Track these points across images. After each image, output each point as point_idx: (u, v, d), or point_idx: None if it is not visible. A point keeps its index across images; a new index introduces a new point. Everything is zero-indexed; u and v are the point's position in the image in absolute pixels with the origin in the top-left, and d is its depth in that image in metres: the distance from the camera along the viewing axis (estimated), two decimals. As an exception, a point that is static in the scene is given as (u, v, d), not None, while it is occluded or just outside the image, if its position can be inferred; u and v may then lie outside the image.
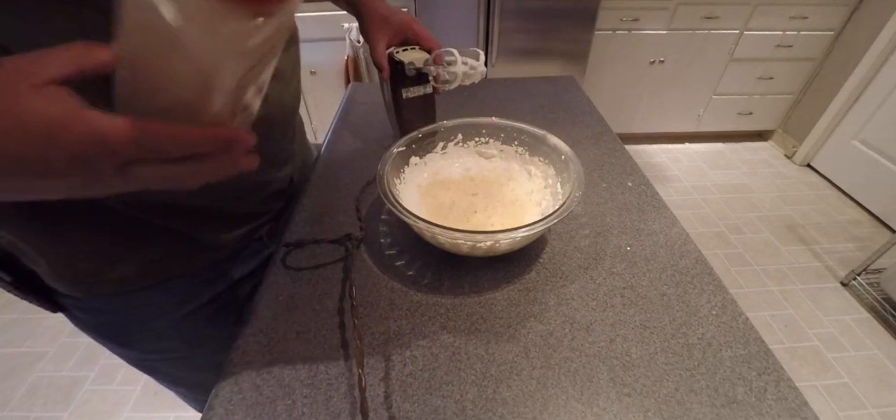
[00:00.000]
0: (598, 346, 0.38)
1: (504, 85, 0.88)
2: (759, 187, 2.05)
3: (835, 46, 2.01)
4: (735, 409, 0.33)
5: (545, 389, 0.35)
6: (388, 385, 0.35)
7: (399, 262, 0.46)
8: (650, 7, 1.82)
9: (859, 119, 1.94)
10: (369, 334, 0.39)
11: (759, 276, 1.58)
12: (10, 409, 1.18)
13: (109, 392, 1.22)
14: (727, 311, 0.41)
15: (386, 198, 0.42)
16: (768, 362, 0.37)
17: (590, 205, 0.54)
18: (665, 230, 0.51)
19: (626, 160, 0.63)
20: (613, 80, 2.04)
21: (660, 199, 0.55)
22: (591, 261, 0.46)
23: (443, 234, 0.40)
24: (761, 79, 2.11)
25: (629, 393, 0.35)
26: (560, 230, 0.50)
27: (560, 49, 1.77)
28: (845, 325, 1.40)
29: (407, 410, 0.33)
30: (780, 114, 2.28)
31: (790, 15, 1.89)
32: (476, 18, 1.65)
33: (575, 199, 0.42)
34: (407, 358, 0.37)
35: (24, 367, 1.27)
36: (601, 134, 0.70)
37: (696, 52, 1.98)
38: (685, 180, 2.09)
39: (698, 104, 2.19)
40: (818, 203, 1.95)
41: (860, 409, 1.18)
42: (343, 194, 0.56)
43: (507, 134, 0.56)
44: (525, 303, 0.42)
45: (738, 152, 2.31)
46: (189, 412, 0.61)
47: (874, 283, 1.45)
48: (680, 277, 0.44)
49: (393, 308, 0.41)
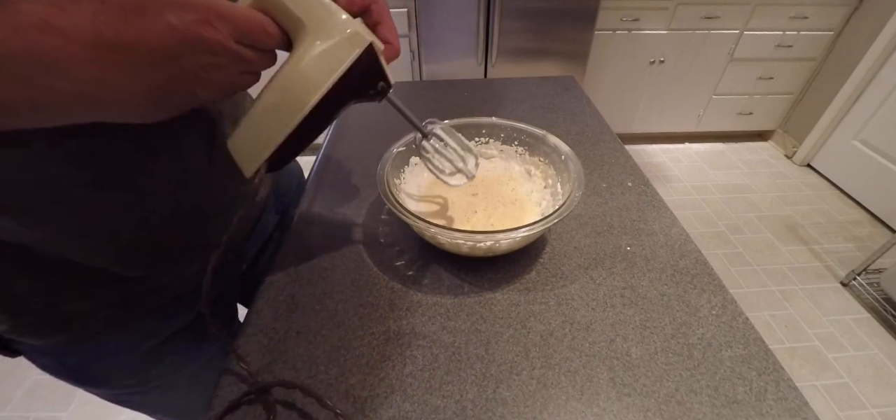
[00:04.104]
0: (598, 346, 0.38)
1: (504, 85, 0.88)
2: (759, 187, 2.05)
3: (835, 46, 2.01)
4: (735, 409, 0.33)
5: (545, 389, 0.35)
6: (388, 385, 0.35)
7: (399, 263, 0.46)
8: (650, 7, 1.82)
9: (859, 119, 1.94)
10: (369, 334, 0.39)
11: (759, 276, 1.58)
12: (10, 409, 1.18)
13: (109, 392, 1.22)
14: (727, 311, 0.41)
15: (386, 198, 0.42)
16: (768, 362, 0.37)
17: (590, 205, 0.54)
18: (665, 230, 0.51)
19: (626, 160, 0.63)
20: (613, 80, 2.04)
21: (660, 199, 0.55)
22: (591, 261, 0.46)
23: (443, 234, 0.40)
24: (761, 79, 2.11)
25: (629, 393, 0.35)
26: (560, 230, 0.50)
27: (560, 49, 1.77)
28: (845, 325, 1.40)
29: (407, 410, 0.33)
30: (780, 114, 2.28)
31: (790, 15, 1.89)
32: (476, 18, 1.65)
33: (575, 199, 0.42)
34: (407, 358, 0.37)
35: (25, 367, 1.26)
36: (601, 134, 0.70)
37: (696, 52, 1.98)
38: (685, 180, 2.09)
39: (698, 104, 2.19)
40: (818, 203, 1.95)
41: (860, 409, 1.18)
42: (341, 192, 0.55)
43: (507, 134, 0.56)
44: (525, 303, 0.42)
45: (738, 152, 2.31)
46: (189, 413, 0.61)
47: (874, 283, 1.45)
48: (680, 277, 0.44)
49: (393, 308, 0.41)
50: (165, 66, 0.23)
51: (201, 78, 0.24)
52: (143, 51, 0.21)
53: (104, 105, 0.23)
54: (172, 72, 0.23)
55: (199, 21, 0.23)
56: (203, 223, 0.40)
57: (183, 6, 0.22)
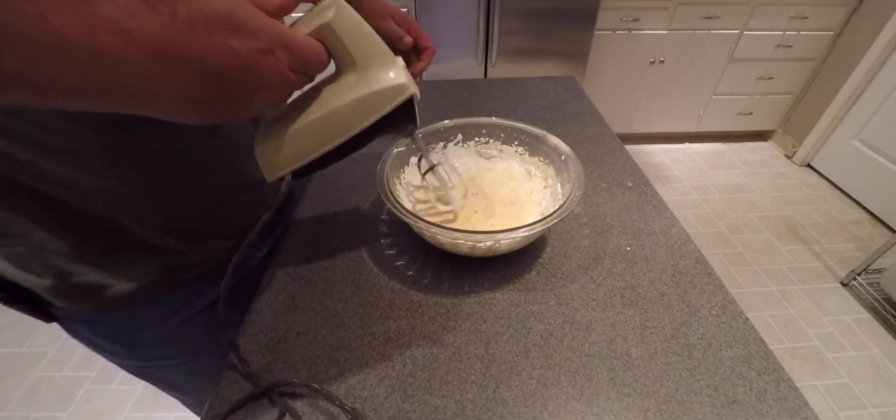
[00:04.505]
0: (598, 346, 0.38)
1: (504, 85, 0.88)
2: (759, 187, 2.05)
3: (835, 46, 2.01)
4: (735, 409, 0.33)
5: (545, 389, 0.35)
6: (389, 385, 0.35)
7: (399, 263, 0.46)
8: (650, 7, 1.82)
9: (859, 119, 1.94)
10: (369, 334, 0.39)
11: (759, 276, 1.58)
12: (11, 409, 1.18)
13: (109, 392, 1.22)
14: (727, 311, 0.41)
15: (386, 198, 0.42)
16: (768, 362, 0.37)
17: (590, 205, 0.54)
18: (665, 230, 0.51)
19: (626, 160, 0.63)
20: (613, 80, 2.04)
21: (660, 199, 0.55)
22: (591, 261, 0.46)
23: (443, 234, 0.40)
24: (761, 79, 2.11)
25: (629, 393, 0.35)
26: (560, 230, 0.50)
27: (560, 49, 1.77)
28: (845, 325, 1.40)
29: (407, 410, 0.33)
30: (780, 114, 2.28)
31: (790, 15, 1.89)
32: (476, 18, 1.65)
33: (575, 199, 0.42)
34: (407, 358, 0.37)
35: (24, 367, 1.27)
36: (601, 134, 0.70)
37: (696, 52, 1.98)
38: (685, 180, 2.09)
39: (698, 104, 2.19)
40: (818, 203, 1.95)
41: (860, 409, 1.18)
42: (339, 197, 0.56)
43: (507, 134, 0.56)
44: (525, 303, 0.42)
45: (739, 152, 2.31)
46: (189, 412, 0.61)
47: (874, 283, 1.45)
48: (680, 277, 0.44)
49: (393, 308, 0.41)
50: (215, 83, 0.23)
51: (248, 99, 0.25)
52: (199, 65, 0.22)
53: (146, 104, 0.23)
54: (222, 88, 0.24)
55: (262, 51, 0.24)
56: (239, 200, 0.43)
57: (250, 34, 0.23)
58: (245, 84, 0.24)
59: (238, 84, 0.24)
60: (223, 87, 0.24)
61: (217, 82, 0.23)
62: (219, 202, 0.42)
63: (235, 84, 0.24)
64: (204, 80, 0.23)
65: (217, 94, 0.24)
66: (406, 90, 0.32)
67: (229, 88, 0.24)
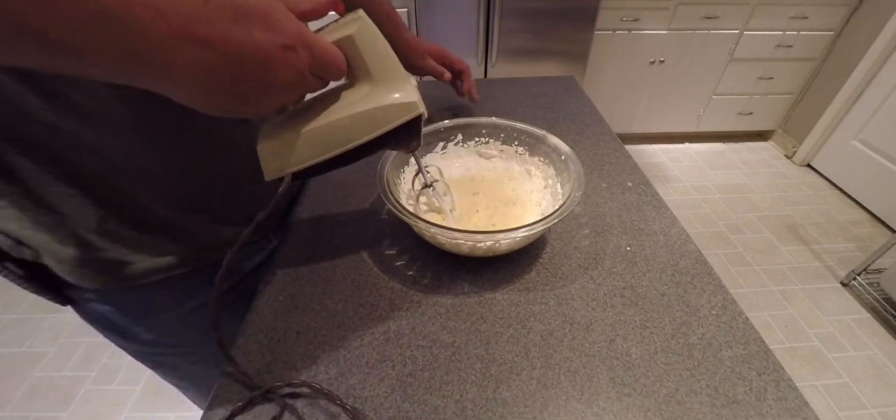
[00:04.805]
0: (598, 346, 0.38)
1: (504, 85, 0.88)
2: (759, 187, 2.05)
3: (835, 46, 2.02)
4: (735, 409, 0.33)
5: (545, 389, 0.35)
6: (389, 385, 0.35)
7: (399, 263, 0.46)
8: (650, 7, 1.82)
9: (859, 119, 1.94)
10: (369, 334, 0.39)
11: (759, 276, 1.58)
12: (11, 409, 1.18)
13: (109, 392, 1.22)
14: (727, 311, 0.41)
15: (386, 198, 0.42)
16: (768, 362, 0.37)
17: (590, 205, 0.54)
18: (665, 230, 0.51)
19: (626, 160, 0.63)
20: (613, 80, 2.04)
21: (660, 199, 0.55)
22: (591, 261, 0.46)
23: (443, 234, 0.40)
24: (761, 79, 2.11)
25: (629, 393, 0.35)
26: (560, 230, 0.50)
27: (560, 49, 1.77)
28: (845, 325, 1.40)
29: (407, 410, 0.33)
30: (780, 114, 2.28)
31: (790, 15, 1.89)
32: (476, 18, 1.65)
33: (575, 199, 0.42)
34: (407, 358, 0.37)
35: (24, 367, 1.27)
36: (601, 134, 0.70)
37: (696, 52, 1.98)
38: (685, 180, 2.09)
39: (698, 104, 2.19)
40: (818, 203, 1.95)
41: (860, 409, 1.18)
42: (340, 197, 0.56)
43: (507, 134, 0.56)
44: (525, 303, 0.42)
45: (738, 152, 2.32)
46: (189, 412, 0.61)
47: (874, 283, 1.45)
48: (680, 277, 0.44)
49: (393, 308, 0.41)
50: (233, 70, 0.23)
51: (262, 94, 0.26)
52: (220, 50, 0.22)
53: (157, 80, 0.23)
54: (238, 76, 0.24)
55: (284, 46, 0.24)
56: (259, 189, 0.43)
57: (276, 29, 0.24)
58: (261, 77, 0.24)
59: (254, 75, 0.24)
60: (239, 74, 0.24)
61: (234, 70, 0.23)
62: (242, 188, 0.43)
63: (252, 75, 0.24)
64: (222, 65, 0.23)
65: (232, 81, 0.24)
66: (417, 108, 0.33)
67: (245, 78, 0.24)
